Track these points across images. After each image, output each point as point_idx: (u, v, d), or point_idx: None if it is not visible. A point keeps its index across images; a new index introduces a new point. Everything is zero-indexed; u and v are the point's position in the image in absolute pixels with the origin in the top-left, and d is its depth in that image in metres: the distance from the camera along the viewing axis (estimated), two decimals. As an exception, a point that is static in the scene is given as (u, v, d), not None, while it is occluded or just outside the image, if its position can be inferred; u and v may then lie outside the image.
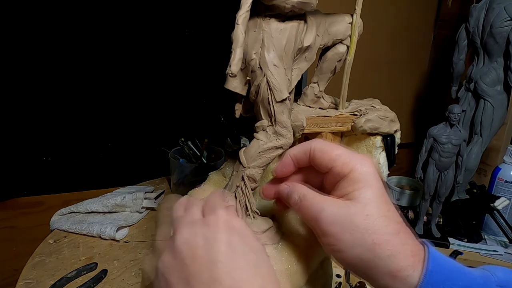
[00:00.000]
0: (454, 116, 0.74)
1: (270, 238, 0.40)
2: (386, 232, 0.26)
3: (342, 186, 0.28)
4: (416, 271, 0.26)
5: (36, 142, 0.80)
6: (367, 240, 0.26)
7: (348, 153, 0.29)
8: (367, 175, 0.28)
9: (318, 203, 0.28)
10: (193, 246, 0.24)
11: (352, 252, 0.26)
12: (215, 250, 0.23)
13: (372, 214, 0.27)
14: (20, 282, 0.53)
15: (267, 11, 0.35)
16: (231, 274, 0.22)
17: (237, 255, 0.23)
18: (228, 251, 0.23)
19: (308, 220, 0.29)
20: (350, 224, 0.26)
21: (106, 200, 0.73)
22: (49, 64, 0.76)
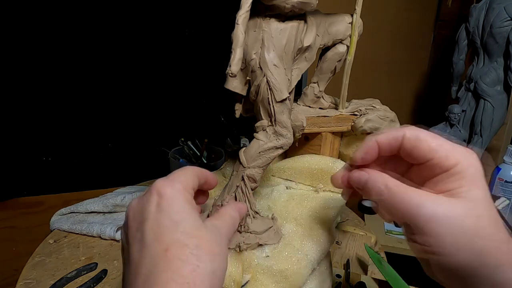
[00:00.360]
0: (454, 116, 0.74)
1: (270, 238, 0.40)
2: (496, 239, 0.23)
3: (443, 181, 0.25)
4: None
5: (36, 142, 0.80)
6: (475, 246, 0.23)
7: (450, 144, 0.25)
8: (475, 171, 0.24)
9: (415, 197, 0.25)
10: (134, 211, 0.26)
11: (455, 258, 0.23)
12: (146, 212, 0.25)
13: (482, 216, 0.23)
14: (20, 282, 0.53)
15: (267, 11, 0.35)
16: (155, 230, 0.24)
17: (162, 215, 0.25)
18: (156, 211, 0.25)
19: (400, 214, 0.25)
20: (458, 226, 0.23)
21: (106, 200, 0.73)
22: (49, 64, 0.76)
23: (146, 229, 0.24)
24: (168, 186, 0.26)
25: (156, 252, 0.23)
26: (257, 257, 0.40)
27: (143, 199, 0.26)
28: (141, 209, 0.26)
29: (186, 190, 0.27)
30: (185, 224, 0.24)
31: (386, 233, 0.91)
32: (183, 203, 0.26)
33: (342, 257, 0.61)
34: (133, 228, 0.26)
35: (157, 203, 0.25)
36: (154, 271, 0.22)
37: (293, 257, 0.39)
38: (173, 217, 0.25)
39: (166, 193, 0.26)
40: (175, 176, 0.28)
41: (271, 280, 0.38)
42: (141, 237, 0.24)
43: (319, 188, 0.46)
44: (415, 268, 0.84)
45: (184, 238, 0.24)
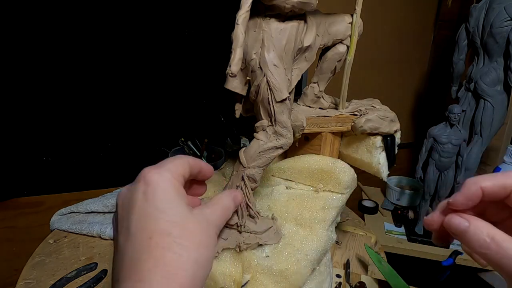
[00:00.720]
0: (454, 116, 0.74)
1: (270, 238, 0.40)
2: None
3: None
4: None
5: (36, 142, 0.80)
6: None
7: None
8: None
9: None
10: (123, 199, 0.26)
11: None
12: (133, 199, 0.25)
13: None
14: (20, 282, 0.53)
15: (267, 11, 0.35)
16: (140, 218, 0.24)
17: (148, 203, 0.24)
18: (142, 199, 0.25)
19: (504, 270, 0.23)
20: None
21: (106, 200, 0.73)
22: (49, 64, 0.76)
23: (132, 218, 0.24)
24: (155, 173, 0.26)
25: (140, 240, 0.23)
26: (257, 257, 0.39)
27: (131, 187, 0.26)
28: (129, 197, 0.26)
29: (174, 178, 0.26)
30: (170, 212, 0.24)
31: (386, 233, 0.91)
32: (169, 191, 0.25)
33: (342, 257, 0.61)
34: (121, 216, 0.26)
35: (144, 191, 0.25)
36: (138, 259, 0.23)
37: (293, 257, 0.39)
38: (158, 205, 0.24)
39: (153, 180, 0.25)
40: (163, 163, 0.27)
41: (271, 280, 0.38)
42: (127, 225, 0.25)
43: (319, 188, 0.46)
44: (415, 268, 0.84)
45: (168, 227, 0.24)
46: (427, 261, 0.85)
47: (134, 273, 0.22)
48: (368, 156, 0.50)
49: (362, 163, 0.51)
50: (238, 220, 0.38)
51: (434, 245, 0.85)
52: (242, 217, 0.38)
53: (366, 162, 0.50)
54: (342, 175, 0.45)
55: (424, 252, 0.84)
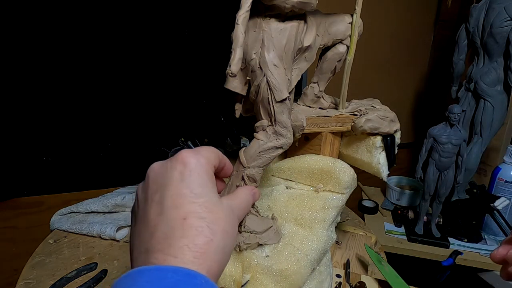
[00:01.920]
0: (454, 116, 0.74)
1: (270, 238, 0.40)
2: None
3: None
4: None
5: (36, 142, 0.80)
6: None
7: None
8: None
9: None
10: (156, 173, 0.27)
11: None
12: (168, 177, 0.26)
13: None
14: (20, 282, 0.53)
15: (267, 11, 0.35)
16: (173, 197, 0.25)
17: (183, 184, 0.25)
18: (178, 179, 0.25)
19: None
20: None
21: (106, 200, 0.73)
22: (49, 64, 0.76)
23: (166, 194, 0.25)
24: (193, 157, 0.27)
25: (174, 218, 0.24)
26: (257, 257, 0.39)
27: (167, 164, 0.27)
28: (164, 173, 0.26)
29: (208, 165, 0.27)
30: (204, 198, 0.25)
31: (386, 233, 0.91)
32: (205, 177, 0.26)
33: (342, 257, 0.61)
34: (153, 190, 0.26)
35: (181, 172, 0.26)
36: (170, 235, 0.23)
37: (293, 257, 0.39)
38: (194, 188, 0.25)
39: (191, 163, 0.26)
40: (200, 149, 0.28)
41: (271, 280, 0.38)
42: (159, 200, 0.25)
43: (319, 188, 0.46)
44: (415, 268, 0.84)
45: (202, 211, 0.25)
46: (427, 261, 0.85)
47: (167, 247, 0.23)
48: (368, 156, 0.50)
49: (362, 163, 0.51)
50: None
51: (434, 245, 0.85)
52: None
53: (366, 162, 0.50)
54: (342, 175, 0.45)
55: (424, 252, 0.84)
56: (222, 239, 0.25)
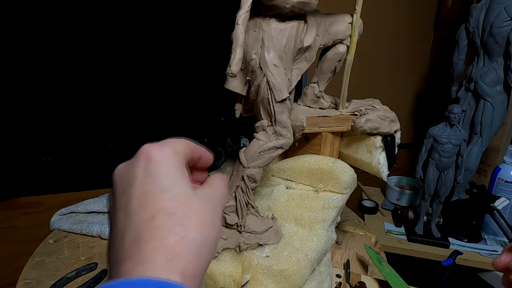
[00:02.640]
0: (454, 116, 0.74)
1: (270, 238, 0.40)
2: None
3: None
4: None
5: (36, 142, 0.80)
6: None
7: None
8: None
9: None
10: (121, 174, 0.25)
11: None
12: (132, 175, 0.24)
13: None
14: (20, 282, 0.53)
15: (267, 11, 0.35)
16: (139, 197, 0.23)
17: (148, 180, 0.23)
18: (143, 176, 0.24)
19: None
20: None
21: (106, 200, 0.73)
22: (49, 64, 0.76)
23: (131, 195, 0.23)
24: (157, 149, 0.24)
25: (142, 219, 0.22)
26: (257, 257, 0.39)
27: (130, 163, 0.25)
28: (128, 173, 0.25)
29: (176, 156, 0.25)
30: (173, 191, 0.23)
31: (386, 233, 0.91)
32: (172, 169, 0.24)
33: (342, 257, 0.61)
34: (119, 193, 0.25)
35: (144, 167, 0.24)
36: (139, 239, 0.22)
37: (293, 257, 0.39)
38: (160, 183, 0.23)
39: (155, 156, 0.24)
40: (167, 141, 0.26)
41: (271, 280, 0.38)
42: (126, 203, 0.23)
43: (319, 188, 0.46)
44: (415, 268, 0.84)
45: (171, 206, 0.23)
46: (427, 261, 0.85)
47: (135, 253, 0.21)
48: (368, 156, 0.50)
49: (362, 163, 0.51)
50: (238, 220, 0.38)
51: (434, 245, 0.85)
52: (242, 217, 0.38)
53: (366, 162, 0.50)
54: (342, 175, 0.45)
55: (424, 252, 0.84)
56: (200, 233, 0.23)
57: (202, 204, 0.24)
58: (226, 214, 0.38)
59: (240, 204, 0.37)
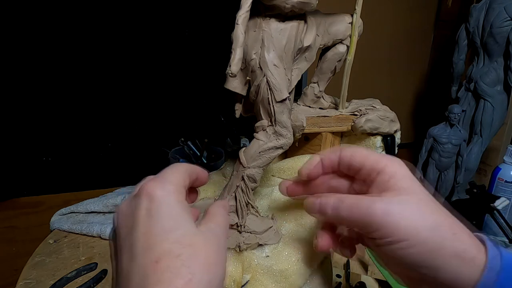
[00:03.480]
0: (454, 116, 0.74)
1: (270, 238, 0.40)
2: (444, 213, 0.27)
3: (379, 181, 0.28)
4: (480, 252, 0.26)
5: (36, 142, 0.80)
6: (427, 221, 0.26)
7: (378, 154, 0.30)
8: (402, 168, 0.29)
9: (366, 202, 0.27)
10: (124, 215, 0.25)
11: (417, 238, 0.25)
12: (136, 218, 0.24)
13: (424, 199, 0.27)
14: (20, 282, 0.53)
15: (267, 11, 0.35)
16: (143, 239, 0.23)
17: (152, 221, 0.23)
18: (146, 217, 0.23)
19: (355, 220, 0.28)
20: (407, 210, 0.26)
21: (106, 200, 0.73)
22: (49, 64, 0.76)
23: (135, 238, 0.23)
24: (158, 187, 0.24)
25: (146, 263, 0.22)
26: (257, 257, 0.39)
27: (132, 202, 0.25)
28: (131, 214, 0.24)
29: (178, 191, 0.25)
30: (177, 232, 0.23)
31: (386, 233, 0.91)
32: (175, 207, 0.24)
33: (342, 257, 0.61)
34: (122, 235, 0.24)
35: (147, 208, 0.23)
36: (145, 283, 0.21)
37: (293, 257, 0.39)
38: (164, 224, 0.23)
39: (157, 196, 0.24)
40: (165, 175, 0.26)
41: (271, 280, 0.38)
42: (130, 246, 0.23)
43: (319, 188, 0.46)
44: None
45: (176, 248, 0.22)
46: (427, 261, 0.85)
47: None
48: (368, 156, 0.50)
49: (362, 163, 0.51)
50: (238, 220, 0.38)
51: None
52: (242, 217, 0.38)
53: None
54: (342, 175, 0.45)
55: (424, 252, 0.84)
56: (206, 272, 0.22)
57: (207, 242, 0.24)
58: (226, 214, 0.38)
59: (240, 204, 0.38)
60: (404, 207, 0.26)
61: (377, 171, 0.29)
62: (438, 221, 0.26)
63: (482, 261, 0.25)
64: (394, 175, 0.28)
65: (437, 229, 0.26)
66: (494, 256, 0.25)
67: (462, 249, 0.25)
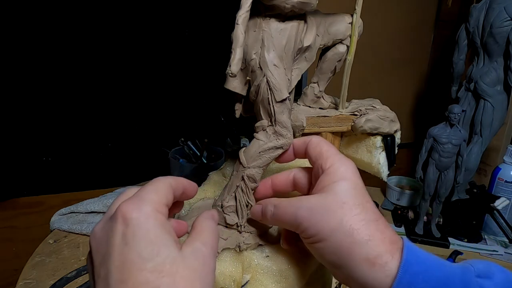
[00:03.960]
0: (454, 116, 0.74)
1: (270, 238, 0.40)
2: (363, 218, 0.27)
3: (321, 181, 0.29)
4: (394, 259, 0.26)
5: (36, 142, 0.80)
6: (344, 226, 0.26)
7: (335, 153, 0.31)
8: (345, 170, 0.29)
9: (294, 204, 0.29)
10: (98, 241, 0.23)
11: (331, 240, 0.27)
12: (110, 244, 0.22)
13: (347, 202, 0.28)
14: (20, 282, 0.53)
15: (267, 11, 0.35)
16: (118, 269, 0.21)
17: (129, 249, 0.21)
18: (121, 244, 0.21)
19: (288, 223, 0.30)
20: (327, 212, 0.27)
21: (106, 200, 0.73)
22: (49, 64, 0.76)
23: (110, 266, 0.21)
24: (135, 209, 0.22)
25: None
26: (257, 257, 0.39)
27: (107, 226, 0.23)
28: (105, 239, 0.22)
29: (157, 211, 0.23)
30: (156, 259, 0.21)
31: (386, 233, 0.91)
32: (153, 231, 0.22)
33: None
34: (97, 263, 0.22)
35: (123, 233, 0.21)
36: None
37: (293, 257, 0.39)
38: (141, 251, 0.21)
39: (132, 219, 0.22)
40: (143, 194, 0.24)
41: (271, 280, 0.38)
42: (105, 275, 0.21)
43: (319, 188, 0.46)
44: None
45: (154, 278, 0.20)
46: (427, 261, 0.85)
47: None
48: (368, 156, 0.50)
49: (362, 163, 0.51)
50: (238, 220, 0.38)
51: (434, 245, 0.85)
52: (242, 217, 0.38)
53: (366, 162, 0.50)
54: (342, 175, 0.45)
55: (424, 252, 0.84)
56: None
57: (190, 267, 0.22)
58: (226, 214, 0.38)
59: (240, 204, 0.37)
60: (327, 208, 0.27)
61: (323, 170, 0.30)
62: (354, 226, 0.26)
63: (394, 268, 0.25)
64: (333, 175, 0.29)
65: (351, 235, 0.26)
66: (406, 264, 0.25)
67: (374, 254, 0.26)
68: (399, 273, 0.25)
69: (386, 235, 0.27)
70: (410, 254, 0.26)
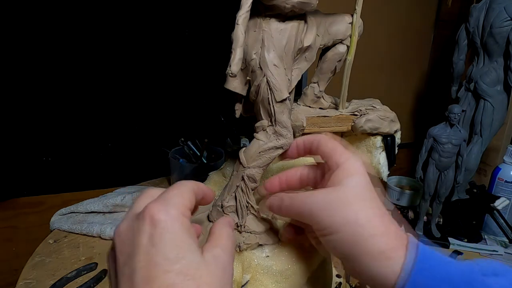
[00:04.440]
0: (454, 116, 0.74)
1: (270, 238, 0.40)
2: (370, 213, 0.28)
3: (336, 175, 0.30)
4: (399, 255, 0.26)
5: (36, 142, 0.80)
6: (361, 218, 0.27)
7: (348, 149, 0.32)
8: (360, 165, 0.30)
9: (307, 197, 0.30)
10: (123, 239, 0.24)
11: (341, 233, 0.28)
12: (137, 244, 0.22)
13: (364, 195, 0.29)
14: (20, 282, 0.53)
15: (267, 11, 0.35)
16: (144, 269, 0.21)
17: (155, 250, 0.22)
18: (148, 244, 0.22)
19: (301, 216, 0.31)
20: (343, 205, 0.28)
21: (106, 200, 0.73)
22: (49, 64, 0.76)
23: (136, 266, 0.21)
24: (163, 212, 0.23)
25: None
26: (257, 257, 0.39)
27: (134, 225, 0.23)
28: (131, 239, 0.23)
29: (183, 215, 0.24)
30: (181, 262, 0.22)
31: (386, 233, 0.91)
32: (180, 234, 0.22)
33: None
34: (121, 261, 0.23)
35: (150, 235, 0.22)
36: None
37: (293, 257, 0.39)
38: (168, 253, 0.21)
39: (160, 221, 0.22)
40: (170, 197, 0.24)
41: (271, 280, 0.38)
42: (130, 274, 0.22)
43: (319, 188, 0.46)
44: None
45: (179, 281, 0.21)
46: (427, 261, 0.85)
47: None
48: (368, 156, 0.50)
49: (362, 163, 0.51)
50: (238, 220, 0.38)
51: (434, 245, 0.85)
52: (242, 217, 0.38)
53: (366, 162, 0.50)
54: (342, 175, 0.45)
55: (424, 252, 0.84)
56: None
57: (212, 272, 0.23)
58: (226, 214, 0.38)
59: (240, 204, 0.38)
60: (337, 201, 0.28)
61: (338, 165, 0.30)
62: (361, 221, 0.27)
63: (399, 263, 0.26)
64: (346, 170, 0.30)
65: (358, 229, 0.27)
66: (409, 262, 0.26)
67: (380, 249, 0.27)
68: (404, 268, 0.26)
69: (392, 231, 0.28)
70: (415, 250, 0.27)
